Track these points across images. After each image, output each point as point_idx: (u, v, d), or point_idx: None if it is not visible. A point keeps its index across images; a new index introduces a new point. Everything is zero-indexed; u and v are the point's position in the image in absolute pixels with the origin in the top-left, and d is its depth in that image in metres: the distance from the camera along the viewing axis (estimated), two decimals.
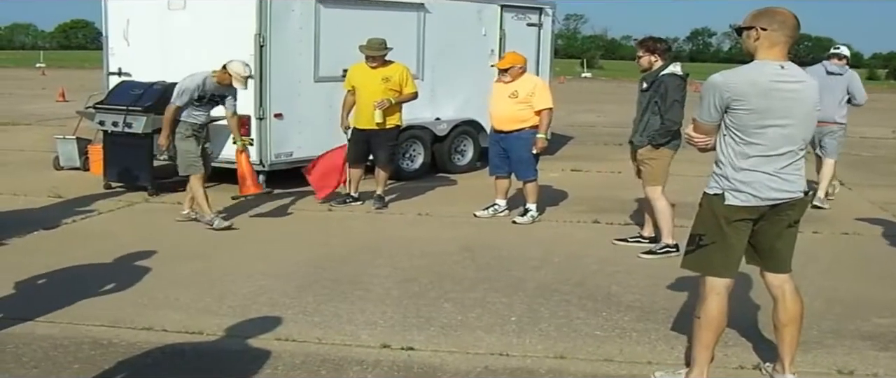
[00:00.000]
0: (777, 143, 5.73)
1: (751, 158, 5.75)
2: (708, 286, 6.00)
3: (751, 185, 5.77)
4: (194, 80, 11.31)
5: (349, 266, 9.60)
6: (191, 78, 11.34)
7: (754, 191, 5.77)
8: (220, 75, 11.40)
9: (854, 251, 10.95)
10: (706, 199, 5.99)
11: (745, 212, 5.84)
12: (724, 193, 5.83)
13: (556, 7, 18.88)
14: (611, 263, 9.90)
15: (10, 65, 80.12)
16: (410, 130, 15.15)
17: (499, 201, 12.50)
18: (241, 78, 11.42)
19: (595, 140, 24.02)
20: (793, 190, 5.85)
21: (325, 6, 14.32)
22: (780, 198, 5.83)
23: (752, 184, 5.76)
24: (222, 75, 11.39)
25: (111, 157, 14.07)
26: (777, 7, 5.87)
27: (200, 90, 11.38)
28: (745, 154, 5.75)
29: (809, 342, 7.19)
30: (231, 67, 11.35)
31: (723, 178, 5.86)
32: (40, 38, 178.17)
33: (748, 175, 5.76)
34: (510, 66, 11.93)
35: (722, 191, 5.85)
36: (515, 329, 7.56)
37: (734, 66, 6.04)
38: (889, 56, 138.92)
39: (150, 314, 7.74)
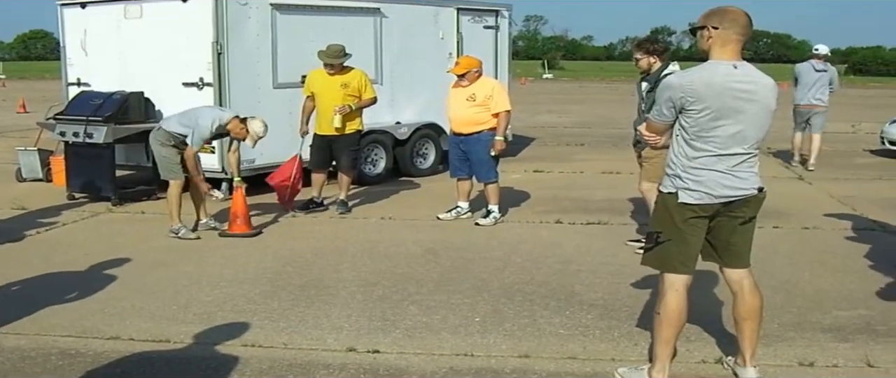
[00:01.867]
0: (728, 142, 5.81)
1: (703, 157, 5.82)
2: (667, 283, 6.07)
3: (703, 184, 5.84)
4: (206, 123, 11.23)
5: (314, 271, 9.64)
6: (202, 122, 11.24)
7: (707, 189, 5.84)
8: (236, 127, 11.38)
9: (815, 245, 11.05)
10: (661, 197, 6.07)
11: (700, 209, 5.91)
12: (678, 192, 5.90)
13: (512, 9, 18.98)
14: (574, 263, 9.98)
15: None
16: (371, 135, 15.22)
17: (461, 203, 12.56)
18: (256, 137, 11.50)
19: (557, 141, 24.13)
20: (746, 187, 5.93)
21: (282, 13, 14.37)
22: (733, 195, 5.90)
23: (704, 182, 5.84)
24: (239, 129, 11.40)
25: (73, 167, 14.04)
26: (728, 6, 5.97)
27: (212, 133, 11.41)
28: (697, 153, 5.83)
29: (771, 335, 7.31)
30: (252, 126, 11.40)
31: (676, 178, 5.93)
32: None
33: (701, 174, 5.84)
34: (466, 70, 12.00)
35: (676, 189, 5.92)
36: (480, 330, 7.62)
37: (696, 63, 6.12)
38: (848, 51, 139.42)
39: (117, 323, 7.76)
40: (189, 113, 11.54)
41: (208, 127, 11.24)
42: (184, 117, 11.47)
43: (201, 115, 11.34)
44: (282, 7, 14.40)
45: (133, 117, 13.84)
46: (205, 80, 13.78)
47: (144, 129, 13.34)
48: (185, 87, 13.93)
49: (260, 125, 11.43)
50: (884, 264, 9.83)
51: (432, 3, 17.26)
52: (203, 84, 13.79)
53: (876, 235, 11.54)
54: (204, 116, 11.31)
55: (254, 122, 11.42)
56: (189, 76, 13.92)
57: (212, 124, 11.26)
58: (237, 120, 11.36)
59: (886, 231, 11.80)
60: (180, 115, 11.59)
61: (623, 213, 12.76)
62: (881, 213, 12.71)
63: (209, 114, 11.39)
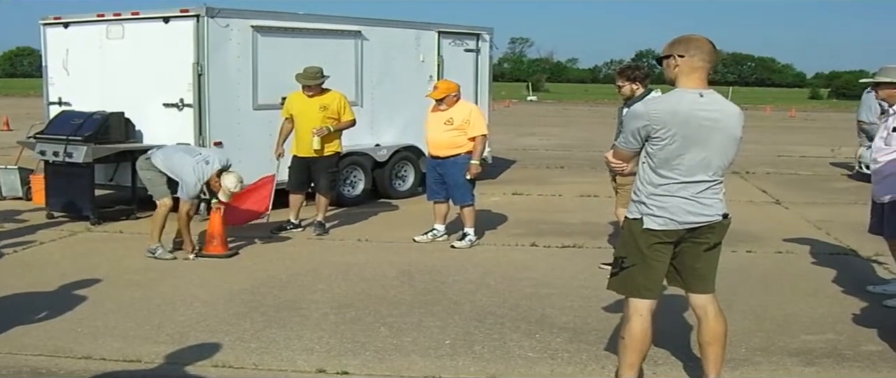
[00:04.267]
0: (693, 170, 5.87)
1: (668, 184, 5.89)
2: (631, 307, 6.13)
3: (668, 210, 5.90)
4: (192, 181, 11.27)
5: (288, 292, 9.68)
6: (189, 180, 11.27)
7: (671, 215, 5.91)
8: (214, 182, 11.46)
9: (787, 269, 11.12)
10: (627, 223, 6.14)
11: (664, 235, 5.98)
12: (643, 218, 5.97)
13: (493, 32, 19.08)
14: (546, 286, 10.04)
15: None
16: (351, 157, 15.29)
17: (437, 226, 12.63)
18: (228, 193, 11.55)
19: (537, 163, 24.18)
20: (711, 214, 5.98)
21: (263, 35, 14.45)
22: (697, 222, 5.96)
23: (669, 208, 5.90)
24: (215, 183, 11.47)
25: (53, 186, 14.07)
26: (692, 34, 6.06)
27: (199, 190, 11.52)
28: (662, 180, 5.90)
29: (737, 359, 7.40)
30: (225, 181, 11.45)
31: (641, 204, 6.00)
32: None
33: (665, 200, 5.90)
34: (445, 95, 12.11)
35: (641, 215, 5.99)
36: (449, 352, 7.68)
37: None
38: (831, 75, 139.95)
39: (90, 343, 7.80)
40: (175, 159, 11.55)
41: (193, 186, 11.32)
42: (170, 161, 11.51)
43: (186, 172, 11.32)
44: (263, 29, 14.48)
45: (113, 137, 13.85)
46: (185, 101, 13.84)
47: (125, 148, 13.42)
48: (165, 107, 14.02)
49: (232, 181, 11.46)
50: (854, 289, 9.93)
51: (413, 26, 17.36)
52: (183, 105, 13.85)
53: (848, 260, 11.64)
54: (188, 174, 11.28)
55: (227, 178, 11.46)
56: (170, 97, 13.99)
57: (197, 184, 11.32)
58: (216, 175, 11.43)
59: (859, 256, 11.88)
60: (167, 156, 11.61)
61: (599, 236, 12.81)
62: (855, 238, 12.76)
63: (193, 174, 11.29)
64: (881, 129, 9.41)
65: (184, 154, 11.77)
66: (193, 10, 13.68)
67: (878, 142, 9.37)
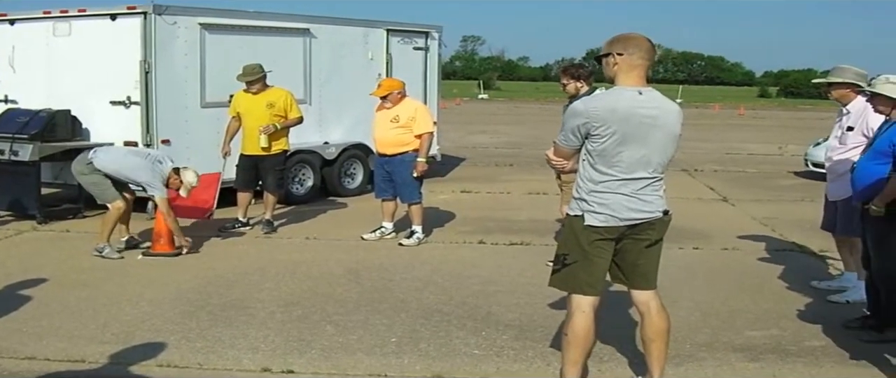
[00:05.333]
0: (632, 167, 5.90)
1: (608, 181, 5.91)
2: (574, 304, 6.15)
3: (609, 207, 5.93)
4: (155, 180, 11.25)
5: (235, 291, 9.66)
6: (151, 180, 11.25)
7: (612, 211, 5.93)
8: (172, 179, 11.43)
9: (732, 266, 11.22)
10: (568, 220, 6.17)
11: (605, 232, 6.00)
12: (584, 215, 5.99)
13: (442, 30, 19.12)
14: (493, 283, 10.08)
15: None
16: (299, 155, 15.28)
17: (386, 224, 12.64)
18: (188, 188, 11.55)
19: (487, 161, 24.27)
20: (651, 210, 6.03)
21: (211, 33, 14.42)
22: (638, 218, 6.00)
23: (609, 205, 5.93)
24: (174, 180, 11.44)
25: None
26: (631, 33, 6.11)
27: None
28: (602, 177, 5.92)
29: (682, 355, 7.46)
30: (185, 176, 11.47)
31: (582, 201, 6.02)
32: None
33: (606, 197, 5.93)
34: (388, 93, 12.13)
35: (582, 212, 6.01)
36: (395, 350, 7.69)
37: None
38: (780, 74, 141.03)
39: (34, 343, 7.74)
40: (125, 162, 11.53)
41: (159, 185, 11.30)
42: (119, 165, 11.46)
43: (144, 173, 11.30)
44: (211, 27, 14.45)
45: (60, 135, 13.74)
46: (132, 99, 13.78)
47: (71, 147, 13.31)
48: (112, 105, 13.96)
49: (192, 175, 11.52)
50: (799, 285, 10.05)
51: (362, 24, 17.36)
52: (130, 102, 13.79)
53: (794, 256, 11.77)
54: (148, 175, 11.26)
55: (186, 174, 11.49)
56: (117, 94, 13.92)
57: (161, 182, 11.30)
58: (173, 172, 11.43)
59: (804, 252, 12.02)
60: (113, 159, 11.55)
61: (546, 233, 12.85)
62: (800, 235, 12.91)
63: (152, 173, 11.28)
64: (835, 128, 9.51)
65: (133, 157, 11.75)
66: (140, 7, 13.62)
67: (833, 141, 9.48)
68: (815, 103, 74.72)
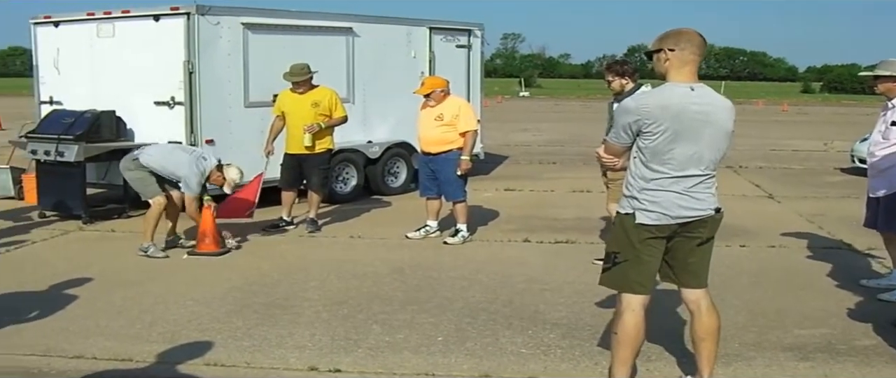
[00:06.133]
0: (684, 164, 5.83)
1: (659, 179, 5.85)
2: (624, 303, 6.09)
3: (660, 205, 5.87)
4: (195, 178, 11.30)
5: (280, 290, 9.65)
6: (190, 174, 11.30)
7: (664, 210, 5.87)
8: (215, 176, 11.53)
9: (780, 264, 11.10)
10: (619, 218, 6.09)
11: (657, 230, 5.94)
12: (635, 213, 5.93)
13: (484, 28, 19.06)
14: (539, 282, 10.01)
15: None
16: (343, 154, 15.27)
17: (430, 222, 12.61)
18: (232, 184, 11.68)
19: (529, 159, 24.21)
20: (703, 208, 5.95)
21: (253, 32, 14.44)
22: (689, 216, 5.92)
23: (661, 203, 5.87)
24: (217, 177, 11.54)
25: (44, 186, 14.03)
26: (682, 28, 6.03)
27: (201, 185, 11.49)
28: (654, 174, 5.86)
29: (731, 355, 7.36)
30: (228, 173, 11.59)
31: (633, 199, 5.95)
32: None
33: (657, 195, 5.87)
34: (431, 91, 12.12)
35: (633, 210, 5.95)
36: (442, 349, 7.65)
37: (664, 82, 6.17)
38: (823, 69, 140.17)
39: (82, 342, 7.76)
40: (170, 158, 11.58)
41: (197, 182, 11.34)
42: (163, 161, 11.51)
43: (185, 169, 11.34)
44: (253, 27, 14.46)
45: (104, 136, 13.82)
46: (176, 100, 13.82)
47: (116, 147, 13.37)
48: (156, 105, 14.01)
49: (236, 172, 11.62)
50: (848, 283, 9.92)
51: (404, 22, 17.35)
52: (174, 103, 13.83)
53: (841, 254, 11.63)
54: (188, 170, 11.30)
55: (230, 170, 11.59)
56: (161, 95, 13.96)
57: (199, 180, 11.35)
58: (216, 169, 11.49)
59: (852, 250, 11.88)
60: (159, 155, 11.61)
61: (591, 231, 12.80)
62: (847, 232, 12.77)
63: (194, 169, 11.32)
64: (879, 122, 9.39)
65: (179, 152, 11.82)
66: (184, 7, 13.66)
67: (876, 135, 9.36)
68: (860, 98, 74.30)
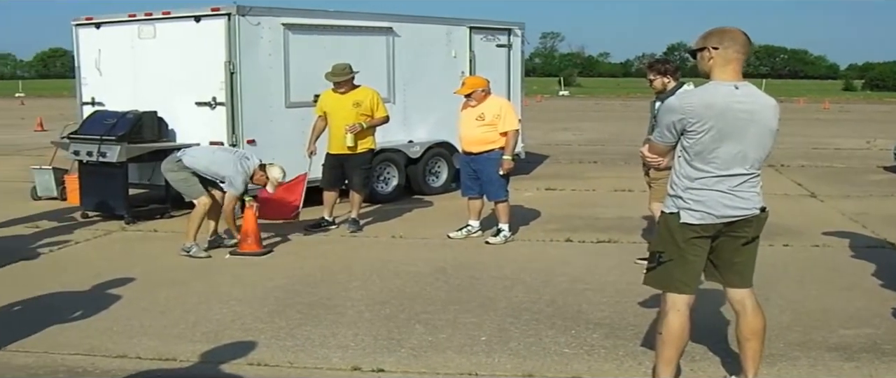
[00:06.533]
0: (729, 163, 5.80)
1: (704, 178, 5.82)
2: (669, 302, 6.07)
3: (705, 204, 5.84)
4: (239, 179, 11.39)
5: (323, 290, 9.66)
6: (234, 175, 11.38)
7: (708, 209, 5.84)
8: (258, 175, 11.59)
9: (823, 263, 11.02)
10: (663, 217, 6.07)
11: (701, 229, 5.91)
12: (680, 212, 5.90)
13: (525, 27, 19.02)
14: (581, 281, 9.97)
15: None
16: (384, 153, 15.28)
17: (472, 222, 12.60)
18: (275, 183, 11.69)
19: (570, 158, 24.15)
20: (748, 207, 5.91)
21: (294, 33, 14.46)
22: (735, 215, 5.89)
23: (706, 202, 5.83)
24: (260, 177, 11.60)
25: (87, 186, 14.12)
26: (725, 26, 5.99)
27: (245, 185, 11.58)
28: (698, 174, 5.83)
29: (775, 355, 7.29)
30: (271, 173, 11.62)
31: (678, 198, 5.93)
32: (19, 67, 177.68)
33: (702, 194, 5.84)
34: (472, 90, 12.11)
35: (678, 210, 5.92)
36: (485, 349, 7.63)
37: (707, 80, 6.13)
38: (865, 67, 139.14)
39: (125, 342, 7.80)
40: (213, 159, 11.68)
41: (242, 182, 11.44)
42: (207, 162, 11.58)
43: (230, 169, 11.42)
44: (294, 27, 14.49)
45: (146, 136, 13.91)
46: (217, 100, 13.88)
47: (158, 148, 13.43)
48: (197, 106, 14.06)
49: (278, 171, 11.64)
50: (892, 282, 9.80)
51: (445, 21, 17.34)
52: (216, 103, 13.89)
53: (885, 253, 11.50)
54: (232, 170, 11.38)
55: (273, 170, 11.61)
56: (202, 96, 14.03)
57: (244, 179, 11.44)
58: (259, 168, 11.54)
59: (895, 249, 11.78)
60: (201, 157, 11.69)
61: (633, 231, 12.76)
62: (891, 231, 12.66)
63: (238, 169, 11.40)
64: None
65: (222, 152, 11.94)
66: (224, 8, 13.71)
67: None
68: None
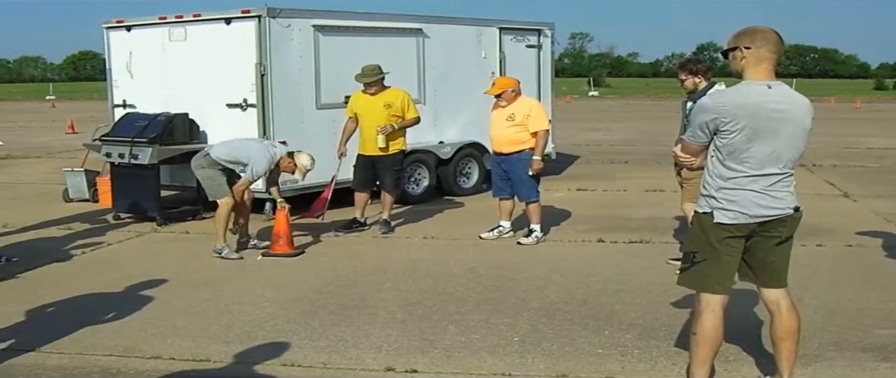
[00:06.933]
0: (762, 163, 5.78)
1: (737, 178, 5.80)
2: (703, 303, 6.05)
3: (738, 204, 5.82)
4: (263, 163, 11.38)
5: (355, 291, 9.68)
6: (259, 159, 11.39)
7: (742, 208, 5.82)
8: (285, 163, 11.58)
9: (857, 263, 10.95)
10: (697, 217, 6.05)
11: (735, 229, 5.89)
12: (713, 212, 5.88)
13: (554, 28, 19.00)
14: (614, 282, 9.95)
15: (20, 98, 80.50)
16: (415, 154, 15.29)
17: (503, 223, 12.58)
18: (304, 171, 11.66)
19: (601, 159, 24.10)
20: (782, 207, 5.89)
21: (324, 34, 14.48)
22: (768, 215, 5.87)
23: (739, 202, 5.82)
24: (288, 164, 11.59)
25: (119, 188, 14.21)
26: (757, 26, 5.97)
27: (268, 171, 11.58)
28: (732, 173, 5.82)
29: (810, 355, 7.25)
30: (299, 160, 11.59)
31: (711, 198, 5.92)
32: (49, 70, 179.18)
33: (735, 194, 5.82)
34: (502, 91, 12.11)
35: (711, 209, 5.91)
36: (518, 349, 7.62)
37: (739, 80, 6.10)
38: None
39: (159, 343, 7.83)
40: (239, 145, 11.71)
41: (266, 165, 11.42)
42: (233, 149, 11.62)
43: (255, 152, 11.45)
44: (324, 29, 14.51)
45: (178, 138, 13.96)
46: (248, 102, 13.91)
47: (189, 149, 13.47)
48: (229, 108, 14.09)
49: (307, 159, 11.59)
50: None
51: (474, 22, 17.33)
52: (247, 105, 13.93)
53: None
54: (258, 153, 11.41)
55: (301, 156, 11.59)
56: (233, 97, 14.06)
57: (270, 161, 11.43)
58: (286, 156, 11.53)
59: None
60: (228, 146, 11.74)
61: (665, 231, 12.72)
62: None
63: (264, 153, 11.44)
64: None
65: (249, 140, 12.06)
66: (255, 10, 13.75)
67: None
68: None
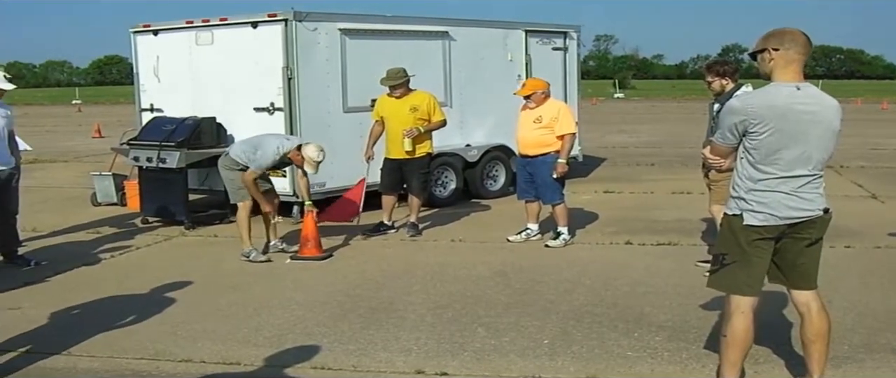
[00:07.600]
0: (793, 164, 5.78)
1: (767, 179, 5.80)
2: (733, 305, 6.04)
3: (768, 206, 5.82)
4: (270, 152, 11.39)
5: (384, 294, 9.69)
6: (267, 149, 11.42)
7: (772, 210, 5.82)
8: (294, 155, 11.54)
9: (887, 264, 10.90)
10: (726, 219, 6.06)
11: (765, 231, 5.89)
12: (743, 214, 5.89)
13: (581, 30, 19.02)
14: (643, 284, 9.94)
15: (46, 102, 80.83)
16: (442, 157, 15.27)
17: (531, 225, 12.57)
18: (313, 163, 11.56)
19: (627, 161, 24.03)
20: (811, 209, 5.89)
21: (351, 38, 14.50)
22: (798, 217, 5.87)
23: (769, 204, 5.82)
24: (296, 156, 11.54)
25: (147, 192, 14.26)
26: (785, 27, 5.97)
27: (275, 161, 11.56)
28: (761, 175, 5.81)
29: (840, 357, 7.23)
30: (306, 151, 11.50)
31: (740, 200, 5.92)
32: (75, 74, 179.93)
33: (765, 196, 5.82)
34: (532, 92, 12.11)
35: (741, 211, 5.91)
36: (548, 352, 7.63)
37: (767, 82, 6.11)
38: None
39: (189, 346, 7.87)
40: (253, 140, 11.75)
41: (271, 155, 11.39)
42: (247, 144, 11.67)
43: (265, 143, 11.49)
44: (350, 32, 14.53)
45: (205, 142, 14.01)
46: (276, 105, 13.93)
47: (216, 153, 13.48)
48: (256, 112, 14.13)
49: (313, 150, 11.50)
50: None
51: (501, 25, 17.36)
52: (274, 109, 13.95)
53: None
54: (268, 144, 11.45)
55: (308, 148, 11.52)
56: (260, 101, 14.11)
57: (276, 152, 11.40)
58: (295, 149, 11.52)
59: None
60: (245, 142, 11.81)
61: (693, 233, 12.68)
62: None
63: (274, 142, 11.51)
64: None
65: (262, 135, 12.03)
66: (281, 14, 13.78)
67: None
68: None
